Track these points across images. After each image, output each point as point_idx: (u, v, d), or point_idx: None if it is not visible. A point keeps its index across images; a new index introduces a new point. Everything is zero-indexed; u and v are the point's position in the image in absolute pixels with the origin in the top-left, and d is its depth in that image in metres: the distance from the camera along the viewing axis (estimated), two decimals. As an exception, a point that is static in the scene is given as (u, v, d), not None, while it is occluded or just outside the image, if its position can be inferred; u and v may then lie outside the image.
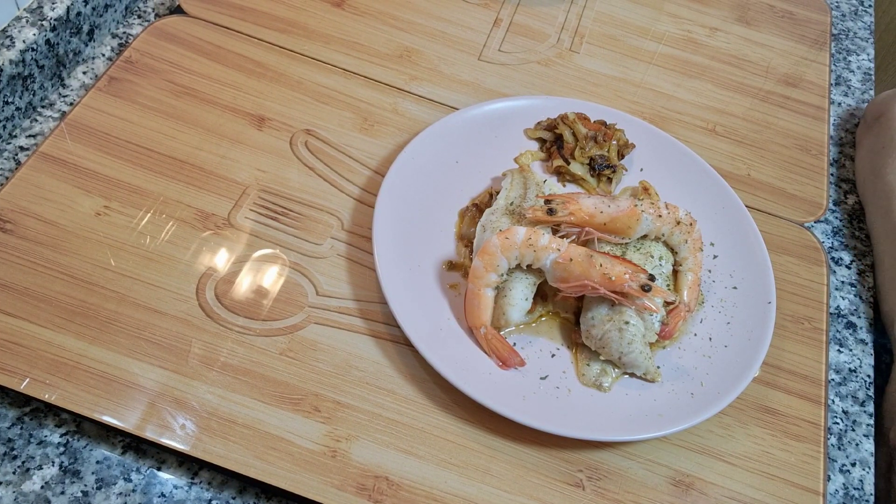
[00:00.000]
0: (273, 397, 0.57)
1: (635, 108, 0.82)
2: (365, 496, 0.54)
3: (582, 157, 0.73)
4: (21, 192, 0.64)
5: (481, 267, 0.61)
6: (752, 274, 0.67)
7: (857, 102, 0.91)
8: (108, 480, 0.53)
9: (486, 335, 0.61)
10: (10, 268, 0.60)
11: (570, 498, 0.56)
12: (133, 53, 0.75)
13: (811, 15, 0.98)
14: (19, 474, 0.53)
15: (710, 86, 0.87)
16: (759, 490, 0.59)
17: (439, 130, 0.72)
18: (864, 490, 0.62)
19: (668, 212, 0.65)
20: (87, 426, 0.55)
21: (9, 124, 0.68)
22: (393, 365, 0.60)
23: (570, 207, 0.63)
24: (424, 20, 0.85)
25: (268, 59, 0.78)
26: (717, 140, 0.81)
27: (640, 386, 0.61)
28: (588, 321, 0.61)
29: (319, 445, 0.55)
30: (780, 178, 0.79)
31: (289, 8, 0.83)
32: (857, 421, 0.66)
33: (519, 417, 0.56)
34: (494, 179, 0.72)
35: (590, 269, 0.59)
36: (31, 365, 0.55)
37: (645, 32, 0.91)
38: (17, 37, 0.68)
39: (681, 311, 0.64)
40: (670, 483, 0.58)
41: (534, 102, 0.77)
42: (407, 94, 0.78)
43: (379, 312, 0.62)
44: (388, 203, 0.66)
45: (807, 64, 0.91)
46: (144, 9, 0.82)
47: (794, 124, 0.84)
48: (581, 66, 0.85)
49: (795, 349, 0.66)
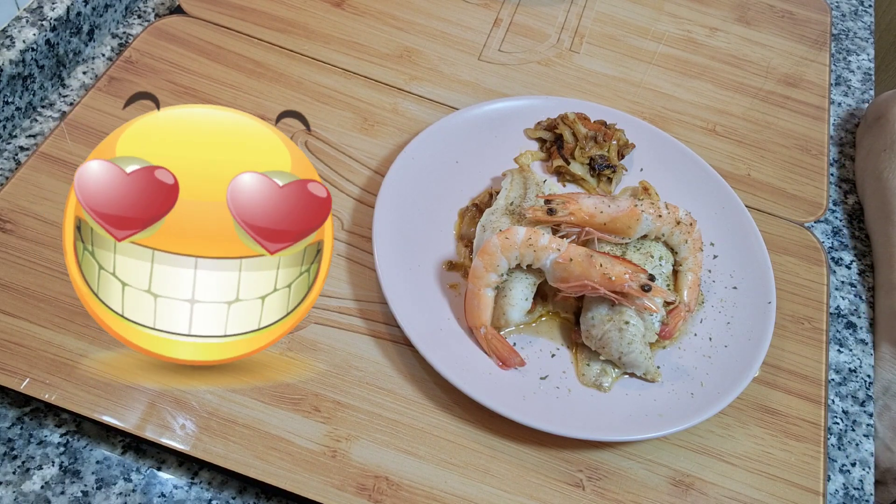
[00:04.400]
0: (273, 397, 0.57)
1: (635, 108, 0.82)
2: (365, 496, 0.54)
3: (582, 157, 0.73)
4: (21, 192, 0.64)
5: (481, 267, 0.61)
6: (752, 274, 0.67)
7: (857, 102, 0.91)
8: (108, 480, 0.53)
9: (486, 335, 0.61)
10: (10, 268, 0.60)
11: (570, 498, 0.56)
12: (133, 53, 0.75)
13: (811, 15, 0.98)
14: (19, 474, 0.53)
15: (710, 86, 0.87)
16: (759, 490, 0.59)
17: (439, 130, 0.72)
18: (864, 490, 0.62)
19: (668, 212, 0.65)
20: (87, 426, 0.55)
21: (9, 124, 0.68)
22: (393, 365, 0.60)
23: (570, 207, 0.63)
24: (424, 20, 0.85)
25: (268, 59, 0.78)
26: (717, 140, 0.81)
27: (640, 386, 0.61)
28: (588, 321, 0.61)
29: (319, 445, 0.55)
30: (780, 178, 0.79)
31: (289, 8, 0.83)
32: (857, 421, 0.66)
33: (519, 417, 0.56)
34: (494, 179, 0.72)
35: (590, 269, 0.59)
36: (31, 365, 0.55)
37: (645, 32, 0.91)
38: (17, 37, 0.68)
39: (681, 311, 0.64)
40: (670, 483, 0.58)
41: (534, 102, 0.77)
42: (407, 94, 0.78)
43: (379, 312, 0.62)
44: (388, 203, 0.66)
45: (807, 64, 0.91)
46: (144, 9, 0.82)
47: (794, 124, 0.84)
48: (581, 66, 0.85)
49: (795, 349, 0.66)
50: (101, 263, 0.50)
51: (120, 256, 0.49)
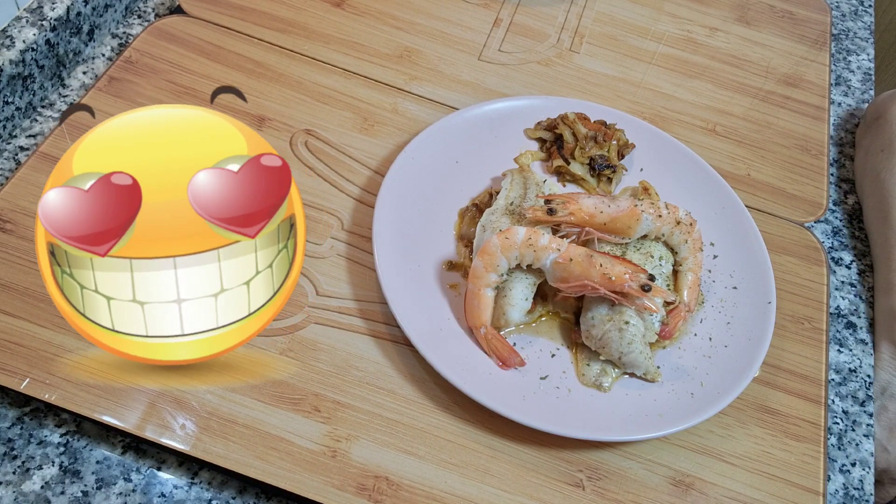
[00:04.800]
0: (273, 397, 0.57)
1: (635, 108, 0.82)
2: (365, 496, 0.54)
3: (582, 157, 0.73)
4: (21, 192, 0.64)
5: (481, 267, 0.61)
6: (752, 274, 0.67)
7: (857, 102, 0.91)
8: (108, 480, 0.53)
9: (486, 335, 0.61)
10: (10, 268, 0.60)
11: (570, 498, 0.56)
12: (133, 53, 0.75)
13: (811, 15, 0.98)
14: (19, 474, 0.53)
15: (710, 86, 0.87)
16: (759, 490, 0.59)
17: (439, 130, 0.72)
18: (864, 490, 0.62)
19: (668, 212, 0.65)
20: (87, 426, 0.55)
21: (9, 124, 0.68)
22: (393, 365, 0.60)
23: (570, 207, 0.63)
24: (424, 20, 0.85)
25: (268, 59, 0.78)
26: (717, 140, 0.81)
27: (640, 386, 0.61)
28: (588, 321, 0.61)
29: (319, 445, 0.55)
30: (780, 178, 0.79)
31: (289, 8, 0.83)
32: (857, 421, 0.66)
33: (519, 417, 0.56)
34: (494, 179, 0.72)
35: (590, 269, 0.59)
36: (31, 365, 0.55)
37: (645, 32, 0.91)
38: (17, 37, 0.68)
39: (681, 311, 0.64)
40: (670, 483, 0.58)
41: (534, 102, 0.77)
42: (407, 94, 0.78)
43: (379, 312, 0.62)
44: (388, 203, 0.66)
45: (807, 64, 0.91)
46: (144, 9, 0.82)
47: (794, 124, 0.84)
48: (581, 66, 0.85)
49: (795, 349, 0.66)
50: (81, 283, 0.50)
51: (99, 272, 0.49)
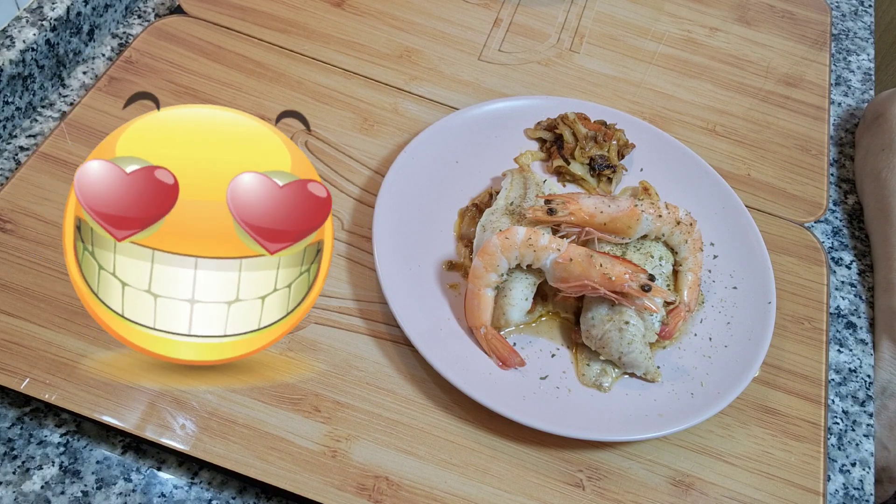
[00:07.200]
0: (273, 397, 0.57)
1: (635, 108, 0.82)
2: (365, 496, 0.54)
3: (582, 157, 0.73)
4: (21, 192, 0.64)
5: (481, 267, 0.61)
6: (752, 274, 0.67)
7: (857, 102, 0.91)
8: (108, 480, 0.53)
9: (486, 335, 0.61)
10: (10, 268, 0.60)
11: (570, 498, 0.56)
12: (133, 53, 0.75)
13: (811, 15, 0.98)
14: (19, 474, 0.53)
15: (710, 86, 0.87)
16: (759, 490, 0.59)
17: (439, 130, 0.72)
18: (864, 490, 0.62)
19: (668, 212, 0.65)
20: (87, 426, 0.55)
21: (9, 124, 0.68)
22: (393, 365, 0.60)
23: (570, 207, 0.63)
24: (424, 20, 0.85)
25: (268, 59, 0.78)
26: (717, 140, 0.81)
27: (640, 386, 0.61)
28: (588, 321, 0.61)
29: (319, 445, 0.55)
30: (780, 178, 0.79)
31: (289, 8, 0.83)
32: (857, 421, 0.66)
33: (519, 417, 0.56)
34: (494, 179, 0.72)
35: (590, 269, 0.59)
36: (31, 365, 0.55)
37: (645, 32, 0.91)
38: (17, 37, 0.68)
39: (681, 311, 0.64)
40: (670, 483, 0.58)
41: (534, 102, 0.77)
42: (407, 94, 0.78)
43: (379, 312, 0.62)
44: (388, 203, 0.66)
45: (807, 64, 0.91)
46: (144, 9, 0.82)
47: (794, 124, 0.84)
48: (581, 66, 0.85)
49: (795, 349, 0.66)
50: (101, 263, 0.50)
51: (120, 256, 0.50)
